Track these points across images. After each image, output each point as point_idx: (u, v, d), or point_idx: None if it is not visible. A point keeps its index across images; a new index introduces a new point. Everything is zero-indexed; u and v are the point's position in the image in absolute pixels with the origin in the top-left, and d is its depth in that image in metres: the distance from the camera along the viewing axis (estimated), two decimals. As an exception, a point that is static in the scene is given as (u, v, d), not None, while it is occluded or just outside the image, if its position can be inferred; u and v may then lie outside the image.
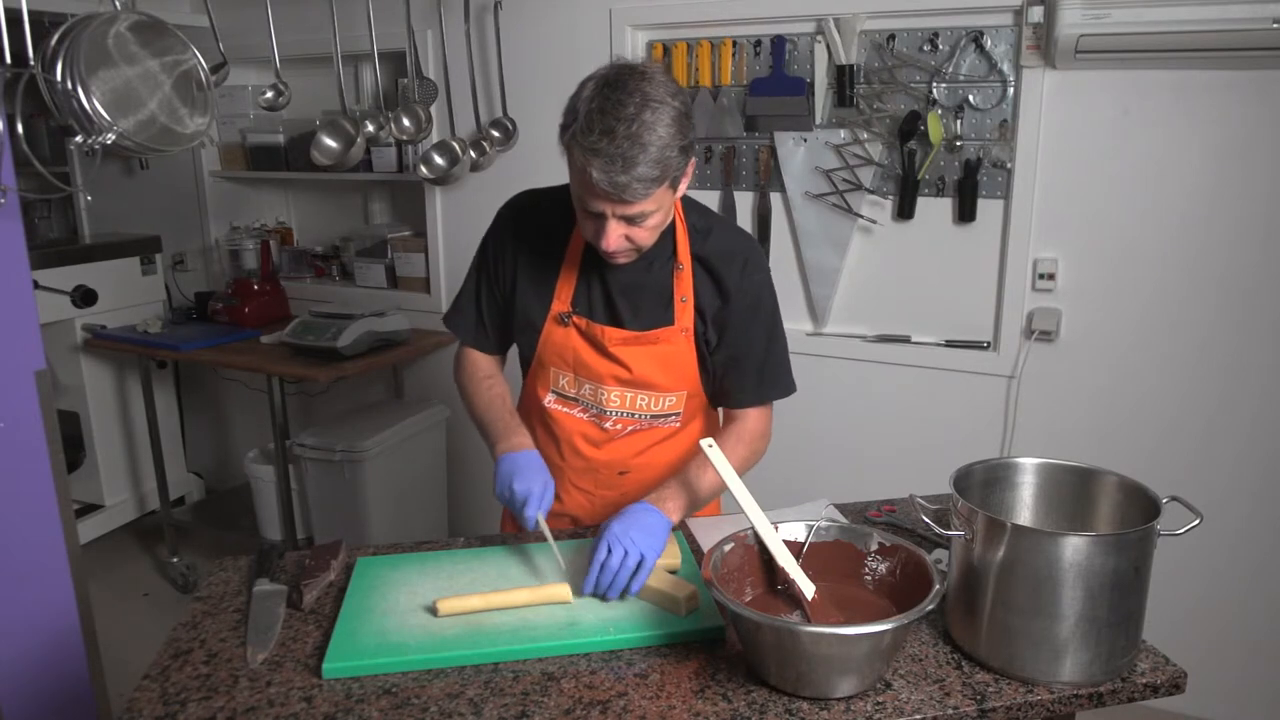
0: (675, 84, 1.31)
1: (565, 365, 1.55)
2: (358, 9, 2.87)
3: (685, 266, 1.49)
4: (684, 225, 1.50)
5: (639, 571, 1.28)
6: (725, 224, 1.56)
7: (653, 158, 1.25)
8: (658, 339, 1.50)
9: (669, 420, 1.58)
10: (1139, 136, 2.30)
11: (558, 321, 1.52)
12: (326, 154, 2.94)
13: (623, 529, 1.31)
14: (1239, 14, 2.03)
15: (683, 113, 1.29)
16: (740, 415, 1.57)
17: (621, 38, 2.77)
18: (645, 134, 1.24)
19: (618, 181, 1.25)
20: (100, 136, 1.83)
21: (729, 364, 1.54)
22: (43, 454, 1.95)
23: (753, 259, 1.52)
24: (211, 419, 3.90)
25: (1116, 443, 2.43)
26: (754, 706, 1.10)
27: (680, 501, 1.42)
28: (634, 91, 1.25)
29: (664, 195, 1.32)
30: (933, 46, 2.46)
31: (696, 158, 1.57)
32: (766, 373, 1.54)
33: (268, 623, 1.27)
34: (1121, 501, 1.23)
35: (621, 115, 1.24)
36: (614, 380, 1.52)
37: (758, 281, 1.52)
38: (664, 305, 1.50)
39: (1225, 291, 2.29)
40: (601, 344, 1.50)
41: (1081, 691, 1.12)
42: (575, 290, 1.52)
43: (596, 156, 1.24)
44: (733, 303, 1.50)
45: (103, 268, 3.23)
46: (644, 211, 1.31)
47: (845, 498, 1.68)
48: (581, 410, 1.58)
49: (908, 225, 2.58)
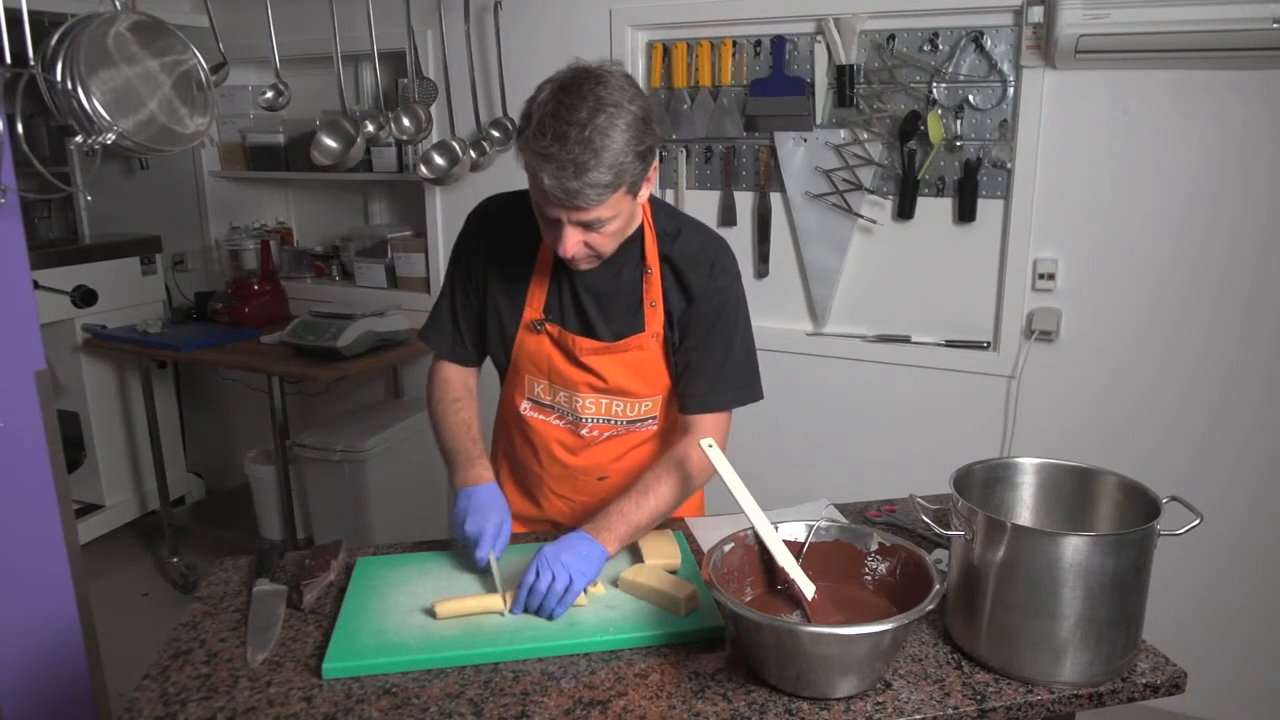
0: (635, 87, 1.29)
1: (540, 373, 1.53)
2: (358, 9, 2.87)
3: (654, 270, 1.47)
4: (652, 229, 1.47)
5: (566, 595, 1.26)
6: (695, 226, 1.53)
7: (606, 163, 1.22)
8: (628, 347, 1.48)
9: (646, 425, 1.57)
10: (1139, 136, 2.30)
11: (530, 329, 1.50)
12: (326, 154, 2.94)
13: (554, 553, 1.29)
14: (1239, 14, 2.03)
15: (640, 117, 1.26)
16: (694, 426, 1.50)
17: (621, 38, 2.77)
18: (598, 139, 1.21)
19: (569, 188, 1.23)
20: (100, 136, 1.83)
21: (686, 366, 1.50)
22: (43, 454, 1.95)
23: (721, 261, 1.49)
24: (211, 419, 3.90)
25: (1116, 443, 2.43)
26: (754, 706, 1.10)
27: (619, 533, 1.37)
28: (588, 95, 1.23)
29: (621, 201, 1.29)
30: (933, 46, 2.46)
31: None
32: (723, 379, 1.49)
33: (268, 623, 1.27)
34: (1121, 501, 1.23)
35: (574, 120, 1.21)
36: (588, 388, 1.51)
37: (724, 285, 1.48)
38: (634, 311, 1.48)
39: (1225, 291, 2.29)
40: (573, 353, 1.49)
41: (1081, 691, 1.12)
42: (547, 296, 1.49)
43: (548, 162, 1.22)
44: (697, 304, 1.47)
45: (103, 268, 3.23)
46: (600, 218, 1.29)
47: (845, 498, 1.68)
48: (557, 417, 1.56)
49: (908, 225, 2.58)
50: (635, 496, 1.41)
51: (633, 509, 1.40)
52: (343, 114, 2.96)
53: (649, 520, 1.42)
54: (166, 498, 3.39)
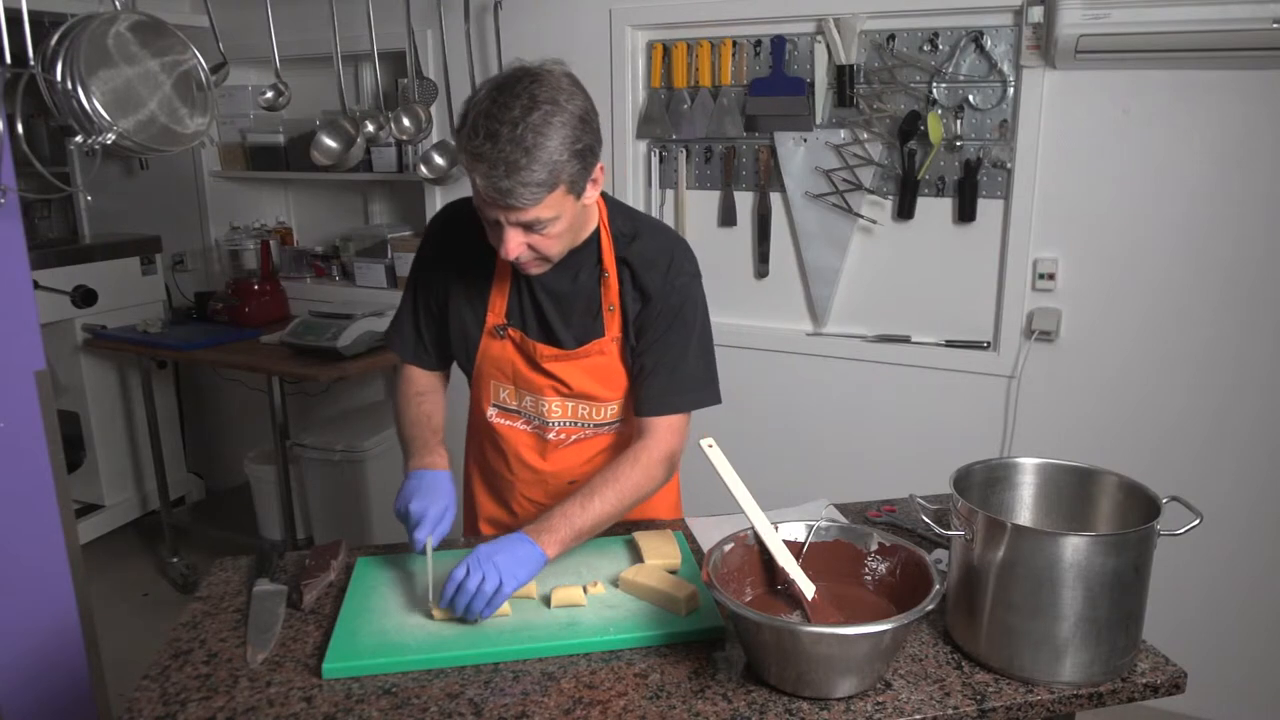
0: (576, 86, 1.27)
1: (505, 378, 1.52)
2: (358, 9, 2.87)
3: (611, 274, 1.45)
4: (608, 232, 1.45)
5: (495, 596, 1.23)
6: (653, 226, 1.51)
7: (540, 162, 1.20)
8: (589, 353, 1.47)
9: (613, 427, 1.56)
10: (1139, 136, 2.30)
11: (493, 334, 1.49)
12: (326, 154, 2.94)
13: (488, 553, 1.26)
14: (1239, 14, 2.03)
15: (579, 116, 1.24)
16: (648, 429, 1.46)
17: (621, 38, 2.77)
18: (530, 137, 1.19)
19: (501, 187, 1.21)
20: (100, 136, 1.83)
21: (641, 368, 1.47)
22: (43, 454, 1.95)
23: (678, 261, 1.46)
24: (211, 419, 3.90)
25: (1117, 443, 2.43)
26: (754, 706, 1.10)
27: (560, 535, 1.32)
28: (522, 94, 1.21)
29: (561, 202, 1.27)
30: (933, 46, 2.46)
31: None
32: (680, 380, 1.46)
33: (268, 623, 1.27)
34: (1122, 501, 1.23)
35: (505, 119, 1.19)
36: (553, 391, 1.50)
37: (681, 284, 1.45)
38: (593, 315, 1.47)
39: (1225, 291, 2.29)
40: (535, 359, 1.48)
41: (1081, 691, 1.12)
42: (508, 302, 1.48)
43: (480, 161, 1.21)
44: (653, 303, 1.44)
45: (103, 268, 3.23)
46: (540, 218, 1.26)
47: (845, 498, 1.68)
48: (524, 423, 1.55)
49: (908, 225, 2.58)
50: (580, 499, 1.37)
51: (577, 511, 1.35)
52: (343, 114, 2.96)
53: (593, 524, 1.36)
54: (166, 498, 3.39)
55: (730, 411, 2.19)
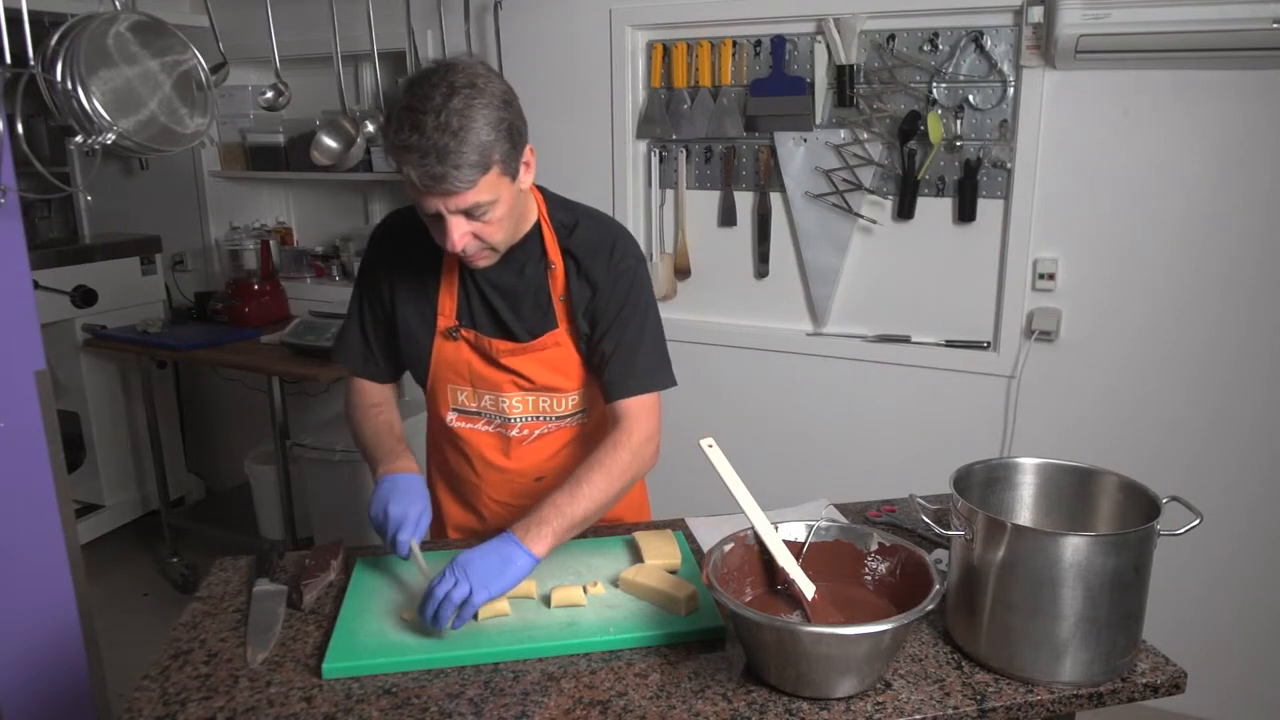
0: (491, 72, 1.28)
1: (461, 380, 1.51)
2: (358, 9, 2.86)
3: (557, 265, 1.46)
4: (549, 224, 1.47)
5: (464, 607, 1.20)
6: (593, 215, 1.51)
7: (470, 144, 1.21)
8: (544, 345, 1.47)
9: (575, 419, 1.56)
10: (1139, 136, 2.30)
11: (446, 337, 1.49)
12: (326, 154, 2.94)
13: (464, 560, 1.24)
14: (1239, 14, 2.03)
15: (500, 97, 1.26)
16: (622, 414, 1.45)
17: (621, 38, 2.77)
18: (455, 121, 1.20)
19: (435, 173, 1.21)
20: (100, 136, 1.83)
21: (602, 355, 1.47)
22: (43, 454, 1.95)
23: (620, 246, 1.47)
24: (211, 419, 3.90)
25: (1117, 443, 2.43)
26: (754, 706, 1.10)
27: (552, 526, 1.30)
28: (439, 83, 1.22)
29: (498, 184, 1.27)
30: (933, 46, 2.46)
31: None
32: (638, 362, 1.46)
33: (268, 623, 1.27)
34: (1122, 501, 1.23)
35: (428, 108, 1.20)
36: (514, 386, 1.50)
37: (627, 268, 1.46)
38: (544, 308, 1.47)
39: (1225, 291, 2.29)
40: (493, 356, 1.48)
41: (1081, 691, 1.12)
42: (457, 303, 1.48)
43: (409, 153, 1.21)
44: (601, 290, 1.45)
45: (103, 268, 3.23)
46: (479, 203, 1.27)
47: (845, 498, 1.68)
48: (485, 423, 1.54)
49: (908, 225, 2.58)
50: (569, 489, 1.35)
51: (566, 501, 1.33)
52: (343, 114, 2.96)
53: (586, 512, 1.35)
54: (166, 498, 3.39)
55: (730, 411, 2.21)
